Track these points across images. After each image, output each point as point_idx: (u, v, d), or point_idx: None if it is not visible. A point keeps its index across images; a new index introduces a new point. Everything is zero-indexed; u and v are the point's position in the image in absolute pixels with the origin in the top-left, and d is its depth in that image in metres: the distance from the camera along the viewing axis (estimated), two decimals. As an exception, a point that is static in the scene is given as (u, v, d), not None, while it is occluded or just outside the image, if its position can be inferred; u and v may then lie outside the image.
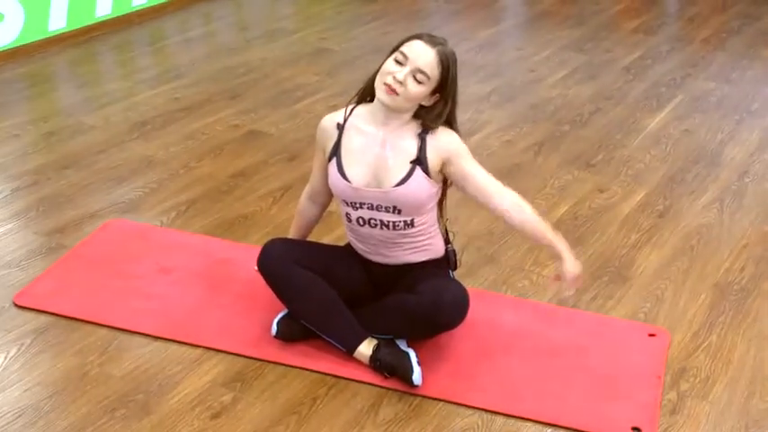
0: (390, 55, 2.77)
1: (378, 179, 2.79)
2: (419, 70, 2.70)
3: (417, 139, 2.78)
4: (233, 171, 4.08)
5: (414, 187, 2.77)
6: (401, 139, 2.79)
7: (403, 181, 2.77)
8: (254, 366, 2.89)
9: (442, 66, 2.73)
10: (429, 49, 2.71)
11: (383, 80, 2.72)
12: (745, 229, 3.91)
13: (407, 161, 2.78)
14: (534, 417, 2.76)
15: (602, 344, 3.10)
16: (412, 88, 2.70)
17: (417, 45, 2.72)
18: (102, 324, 3.03)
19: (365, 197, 2.80)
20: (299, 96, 4.94)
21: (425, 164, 2.77)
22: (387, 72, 2.72)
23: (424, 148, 2.78)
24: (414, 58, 2.70)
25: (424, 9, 6.74)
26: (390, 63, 2.73)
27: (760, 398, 2.91)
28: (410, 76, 2.69)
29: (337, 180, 2.83)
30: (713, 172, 4.42)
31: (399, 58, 2.71)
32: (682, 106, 5.19)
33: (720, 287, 3.48)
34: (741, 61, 6.02)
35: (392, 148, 2.79)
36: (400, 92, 2.69)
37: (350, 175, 2.81)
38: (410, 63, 2.70)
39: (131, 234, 3.54)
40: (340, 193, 2.84)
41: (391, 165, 2.78)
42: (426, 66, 2.70)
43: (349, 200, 2.83)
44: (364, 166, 2.80)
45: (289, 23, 6.14)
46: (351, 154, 2.83)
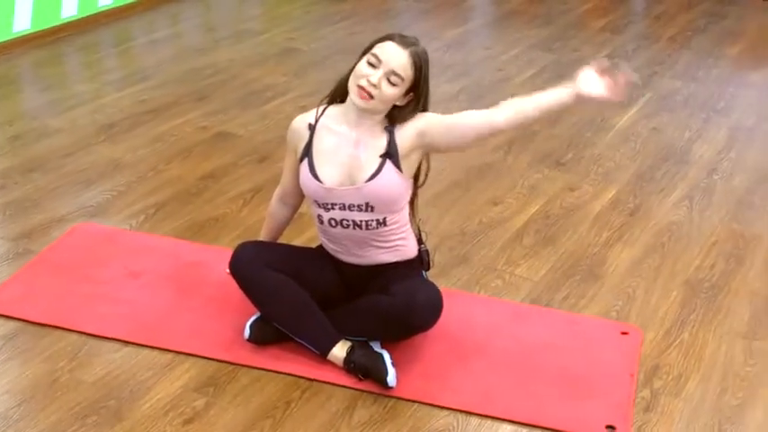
0: (362, 56, 2.75)
1: (351, 178, 2.78)
2: (393, 72, 2.68)
3: (385, 132, 2.77)
4: (202, 173, 4.04)
5: (385, 181, 2.76)
6: (372, 137, 2.78)
7: (374, 175, 2.75)
8: (227, 370, 2.86)
9: (415, 67, 2.72)
10: (402, 50, 2.70)
11: (357, 83, 2.70)
12: (715, 226, 3.93)
13: (378, 155, 2.76)
14: (509, 417, 2.76)
15: (575, 342, 3.10)
16: (386, 90, 2.69)
17: (390, 47, 2.70)
18: (71, 329, 2.99)
19: (337, 197, 2.79)
20: (268, 97, 4.91)
21: (396, 156, 2.76)
22: (360, 75, 2.70)
23: (392, 140, 2.76)
24: (387, 60, 2.68)
25: (393, 8, 6.73)
26: (363, 65, 2.71)
27: (732, 394, 2.92)
28: (384, 79, 2.68)
29: (309, 181, 2.81)
30: (682, 170, 4.44)
31: (372, 61, 2.70)
32: (649, 105, 5.22)
33: (691, 284, 3.49)
34: (707, 59, 6.06)
35: (364, 146, 2.78)
36: (375, 95, 2.68)
37: (322, 176, 2.79)
38: (383, 66, 2.68)
39: (99, 238, 3.49)
40: (312, 193, 2.82)
41: (363, 160, 2.77)
42: (400, 68, 2.69)
43: (321, 201, 2.81)
44: (337, 167, 2.79)
45: (256, 24, 6.11)
46: (322, 154, 2.81)
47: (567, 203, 4.04)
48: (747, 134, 4.90)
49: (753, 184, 4.36)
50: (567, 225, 3.86)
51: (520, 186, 4.16)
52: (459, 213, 3.89)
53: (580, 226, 3.86)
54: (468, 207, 3.94)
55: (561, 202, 4.04)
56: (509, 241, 3.70)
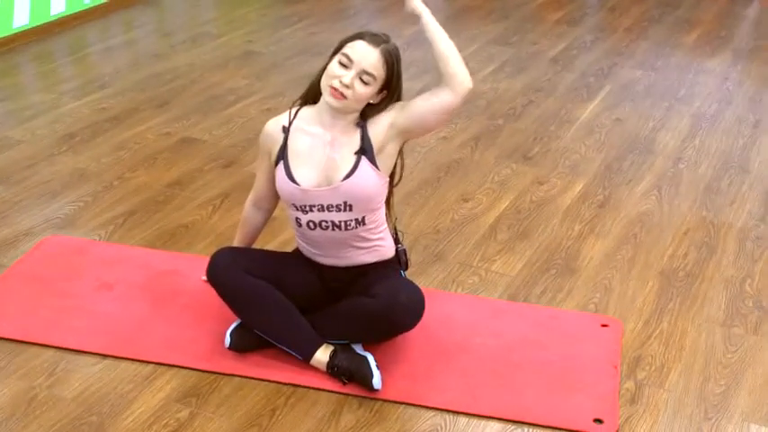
0: (333, 57, 2.72)
1: (328, 178, 2.75)
2: (365, 72, 2.66)
3: (358, 129, 2.75)
4: (169, 180, 3.98)
5: (361, 177, 2.73)
6: (346, 135, 2.76)
7: (350, 173, 2.73)
8: (209, 380, 2.82)
9: (387, 65, 2.70)
10: (372, 49, 2.68)
11: (329, 83, 2.67)
12: (685, 215, 3.95)
13: (352, 153, 2.74)
14: (497, 414, 2.75)
15: (556, 337, 3.10)
16: (359, 90, 2.67)
17: (360, 46, 2.68)
18: (46, 345, 2.93)
19: (315, 198, 2.76)
20: (230, 101, 4.85)
21: (370, 152, 2.74)
22: (332, 75, 2.67)
23: (365, 135, 2.75)
24: (358, 59, 2.66)
25: (350, 7, 6.70)
26: (335, 66, 2.68)
27: (715, 382, 2.94)
28: (356, 79, 2.66)
29: (285, 184, 2.77)
30: (648, 159, 4.46)
31: (344, 61, 2.67)
32: (611, 95, 5.24)
33: (666, 274, 3.51)
34: (664, 49, 6.11)
35: (338, 145, 2.75)
36: (348, 95, 2.66)
37: (298, 178, 2.76)
38: (355, 65, 2.66)
39: (69, 250, 3.43)
40: (288, 196, 2.79)
41: (337, 159, 2.74)
42: (371, 67, 2.67)
43: (298, 203, 2.78)
44: (313, 168, 2.76)
45: (212, 28, 6.04)
46: (298, 156, 2.78)
47: (537, 197, 4.04)
48: (710, 121, 4.95)
49: (718, 171, 4.39)
50: (538, 219, 3.86)
51: (489, 182, 4.15)
52: (430, 211, 3.87)
53: (552, 220, 3.86)
54: (440, 204, 3.93)
55: (531, 197, 4.04)
56: (483, 237, 3.69)
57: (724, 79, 5.60)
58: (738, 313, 3.29)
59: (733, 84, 5.53)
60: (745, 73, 5.73)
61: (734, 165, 4.46)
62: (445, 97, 2.66)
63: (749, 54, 6.09)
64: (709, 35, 6.44)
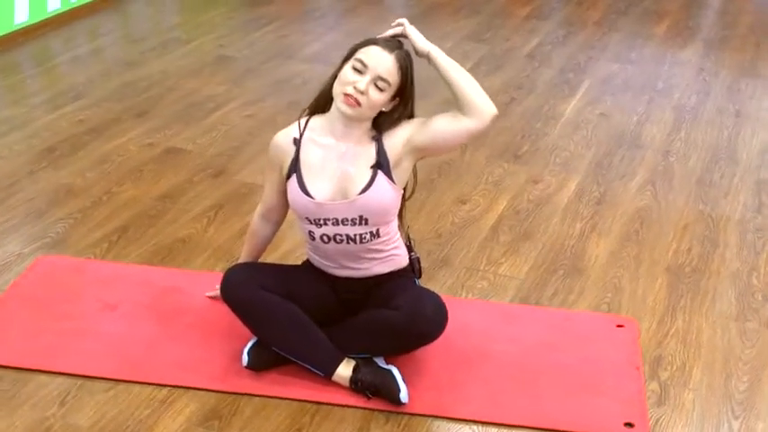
0: (345, 63, 2.65)
1: (342, 191, 2.68)
2: (380, 77, 2.59)
3: (374, 142, 2.68)
4: (158, 193, 3.87)
5: (378, 192, 2.67)
6: (361, 148, 2.69)
7: (367, 187, 2.66)
8: (229, 401, 2.73)
9: (401, 71, 2.64)
10: (387, 54, 2.61)
11: (343, 90, 2.60)
12: (682, 209, 3.94)
13: (368, 167, 2.67)
14: (527, 423, 2.70)
15: (573, 340, 3.06)
16: (374, 96, 2.60)
17: (375, 51, 2.61)
18: (55, 372, 2.81)
19: (329, 212, 2.68)
20: (210, 108, 4.74)
21: (387, 166, 2.68)
22: (346, 82, 2.60)
23: (381, 149, 2.68)
24: (373, 65, 2.59)
25: (317, 9, 6.61)
26: (349, 72, 2.61)
27: (738, 379, 2.92)
28: (371, 85, 2.59)
29: (299, 197, 2.69)
30: (638, 154, 4.45)
31: (358, 66, 2.60)
32: (592, 90, 5.23)
33: (673, 270, 3.49)
34: (636, 41, 6.12)
35: (353, 157, 2.68)
36: (362, 102, 2.59)
37: (312, 191, 2.68)
38: (370, 71, 2.59)
39: (65, 270, 3.31)
40: (302, 210, 2.71)
41: (354, 174, 2.67)
42: (386, 72, 2.60)
43: (312, 217, 2.70)
44: (327, 180, 2.69)
45: (181, 33, 5.91)
46: (311, 169, 2.70)
47: (534, 197, 4.00)
48: (692, 113, 4.95)
49: (708, 163, 4.40)
50: (538, 219, 3.82)
51: (484, 182, 4.10)
52: (429, 215, 3.81)
53: (551, 219, 3.82)
54: (438, 208, 3.87)
55: (528, 196, 4.00)
56: (485, 240, 3.64)
57: (699, 70, 5.62)
58: (749, 307, 3.28)
59: (709, 74, 5.55)
60: (718, 63, 5.76)
61: (722, 156, 4.46)
62: (470, 124, 2.62)
63: (719, 44, 6.12)
64: (678, 26, 6.46)
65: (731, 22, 6.60)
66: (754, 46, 6.10)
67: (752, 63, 5.77)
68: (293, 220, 3.01)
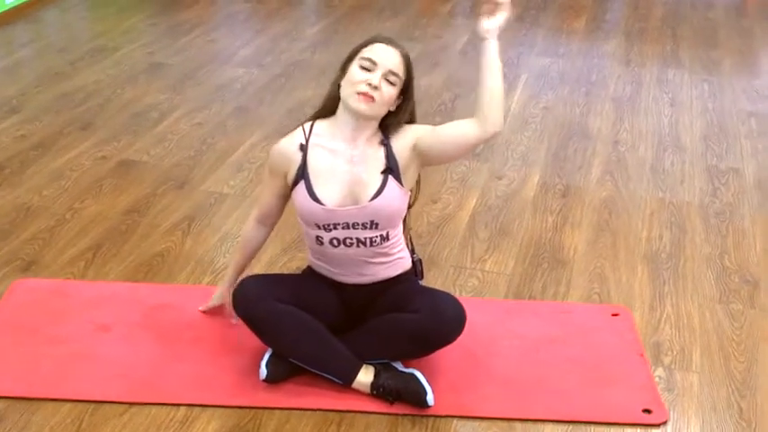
0: (349, 63, 2.64)
1: (353, 196, 2.66)
2: (391, 72, 2.60)
3: (382, 147, 2.67)
4: (124, 207, 3.76)
5: (389, 197, 2.66)
6: (370, 152, 2.67)
7: (378, 192, 2.65)
8: (250, 416, 2.68)
9: (406, 66, 2.66)
10: (393, 49, 2.63)
11: (356, 89, 2.58)
12: (643, 197, 4.04)
13: (379, 172, 2.66)
14: (550, 417, 2.73)
15: (573, 331, 3.11)
16: (386, 90, 2.60)
17: (380, 48, 2.61)
18: (61, 399, 2.70)
19: (340, 217, 2.66)
20: (156, 117, 4.63)
21: (396, 171, 2.68)
22: (358, 81, 2.58)
23: (391, 154, 2.67)
24: (382, 61, 2.59)
25: (240, 11, 6.52)
26: (357, 71, 2.60)
27: (735, 359, 3.01)
28: (383, 80, 2.58)
29: (309, 204, 2.65)
30: (589, 145, 4.54)
31: (366, 65, 2.59)
32: (530, 84, 5.31)
33: (650, 258, 3.57)
34: (560, 35, 6.24)
35: (362, 161, 2.67)
36: (376, 97, 2.57)
37: (322, 197, 2.65)
38: (380, 66, 2.58)
39: (46, 293, 3.18)
40: (311, 216, 2.67)
41: (364, 178, 2.66)
42: (395, 66, 2.61)
43: (322, 222, 2.67)
44: (336, 185, 2.66)
45: (106, 41, 5.75)
46: (320, 175, 2.67)
47: (501, 192, 4.04)
48: (630, 104, 5.08)
49: (657, 151, 4.52)
50: (511, 214, 3.86)
51: (450, 181, 4.12)
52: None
53: (523, 213, 3.87)
54: (410, 208, 3.85)
55: (495, 192, 4.04)
56: (465, 238, 3.66)
57: (627, 62, 5.77)
58: (729, 289, 3.39)
59: (637, 65, 5.70)
60: (643, 55, 5.92)
61: (669, 144, 4.59)
62: (471, 131, 2.60)
63: (639, 36, 6.30)
64: (596, 20, 6.62)
65: (645, 15, 6.79)
66: (671, 37, 6.29)
67: (673, 53, 5.96)
68: (277, 228, 2.98)
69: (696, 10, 6.95)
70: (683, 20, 6.68)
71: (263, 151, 4.30)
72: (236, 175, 4.07)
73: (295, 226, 3.59)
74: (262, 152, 4.29)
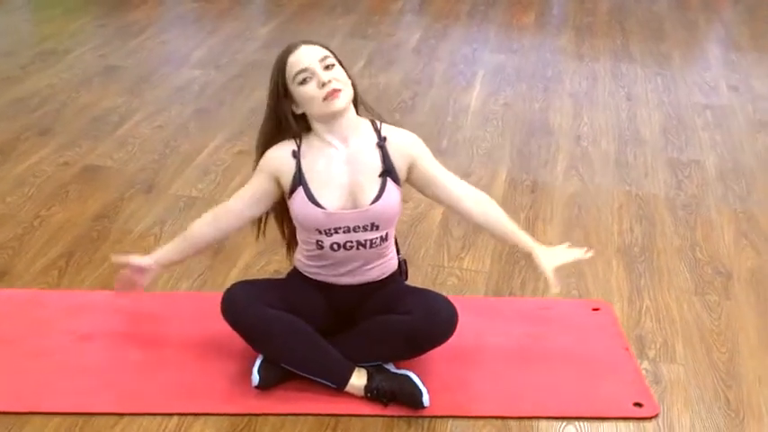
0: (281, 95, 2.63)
1: (352, 199, 2.64)
2: (322, 62, 2.58)
3: (377, 149, 2.66)
4: (92, 214, 3.69)
5: (389, 199, 2.66)
6: (364, 154, 2.67)
7: (378, 196, 2.64)
8: (243, 423, 2.65)
9: (326, 48, 2.64)
10: (305, 47, 2.60)
11: (321, 99, 2.56)
12: (611, 191, 4.09)
13: (376, 175, 2.65)
14: (543, 413, 2.75)
15: (557, 327, 3.13)
16: (336, 73, 2.59)
17: (296, 56, 2.59)
18: (50, 412, 2.64)
19: (340, 221, 2.64)
20: (116, 121, 4.55)
21: (393, 172, 2.67)
22: (314, 94, 2.57)
23: (387, 156, 2.66)
24: (309, 61, 2.57)
25: (189, 12, 6.44)
26: (304, 90, 2.59)
27: (717, 350, 3.06)
28: (325, 71, 2.56)
29: (310, 210, 2.63)
30: (552, 141, 4.58)
31: (302, 77, 2.58)
32: (487, 81, 5.34)
33: (623, 251, 3.61)
34: (512, 31, 6.29)
35: (358, 163, 2.65)
36: (339, 86, 2.56)
37: (323, 202, 2.63)
38: (312, 65, 2.57)
39: (23, 304, 3.11)
40: (312, 222, 2.65)
41: (363, 182, 2.64)
42: (319, 54, 2.59)
43: (323, 227, 2.65)
44: (336, 189, 2.64)
45: (55, 44, 5.63)
46: (318, 179, 2.65)
47: (471, 190, 4.03)
48: (587, 99, 5.14)
49: (619, 145, 4.57)
50: (483, 211, 3.85)
51: (419, 179, 4.10)
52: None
53: (495, 210, 3.86)
54: (382, 208, 3.85)
55: (465, 190, 4.03)
56: (439, 236, 3.67)
57: (580, 56, 5.83)
58: (703, 281, 3.44)
59: (590, 60, 5.76)
60: (594, 49, 5.99)
61: (629, 138, 4.65)
62: (461, 206, 2.79)
63: (589, 30, 6.37)
64: (544, 15, 6.69)
65: (591, 9, 6.87)
66: (620, 31, 6.38)
67: (624, 47, 6.04)
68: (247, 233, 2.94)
69: (640, 3, 7.05)
70: (629, 13, 6.77)
71: (228, 153, 4.26)
72: (203, 179, 4.02)
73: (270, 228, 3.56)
74: (226, 154, 4.25)
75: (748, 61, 5.86)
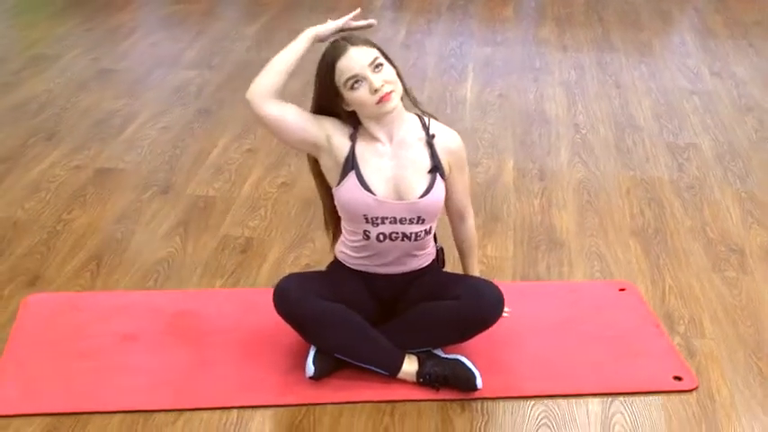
0: (341, 91, 2.63)
1: (398, 192, 2.70)
2: (372, 65, 2.59)
3: (426, 146, 2.73)
4: (113, 216, 3.71)
5: (437, 195, 2.72)
6: (412, 149, 2.73)
7: (427, 191, 2.70)
8: (302, 414, 2.70)
9: (373, 45, 2.65)
10: (354, 49, 2.60)
11: (374, 103, 2.60)
12: (616, 176, 4.19)
13: (425, 171, 2.72)
14: (589, 391, 2.82)
15: (587, 308, 3.22)
16: (386, 74, 2.60)
17: (347, 59, 2.59)
18: (108, 411, 2.67)
19: (388, 210, 2.69)
20: (120, 124, 4.56)
21: (441, 168, 2.73)
22: (367, 99, 2.60)
23: (435, 153, 2.73)
24: (361, 66, 2.58)
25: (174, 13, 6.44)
26: (357, 95, 2.60)
27: (743, 324, 3.18)
28: (375, 73, 2.58)
29: (360, 193, 2.67)
30: (552, 130, 4.67)
31: (353, 83, 2.59)
32: (479, 73, 5.43)
33: (638, 233, 3.72)
34: (493, 23, 6.39)
35: (404, 159, 2.71)
36: (389, 88, 2.60)
37: (373, 187, 2.68)
38: (363, 70, 2.58)
39: (61, 307, 3.13)
40: (362, 207, 2.69)
41: (410, 177, 2.70)
42: (370, 56, 2.59)
43: (371, 215, 2.70)
44: (382, 180, 2.70)
45: (45, 48, 5.61)
46: (368, 165, 2.69)
47: (482, 179, 4.13)
48: (578, 88, 5.25)
49: (616, 132, 4.69)
50: (497, 200, 3.95)
51: (429, 171, 4.17)
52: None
53: (508, 198, 3.97)
54: (399, 200, 3.91)
55: (476, 179, 4.12)
56: (459, 226, 3.72)
57: (564, 47, 5.94)
58: (720, 258, 3.56)
59: (574, 51, 5.88)
60: (577, 40, 6.11)
61: (625, 125, 4.76)
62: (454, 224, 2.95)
63: (568, 21, 6.48)
64: (523, 7, 6.80)
65: (569, 0, 6.98)
66: (599, 21, 6.51)
67: (605, 37, 6.16)
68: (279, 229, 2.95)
69: (615, -6, 7.19)
70: (605, 4, 6.90)
71: (237, 152, 4.30)
72: (217, 177, 4.05)
73: (295, 223, 3.63)
74: (236, 153, 4.28)
75: (726, 48, 6.02)
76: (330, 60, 2.63)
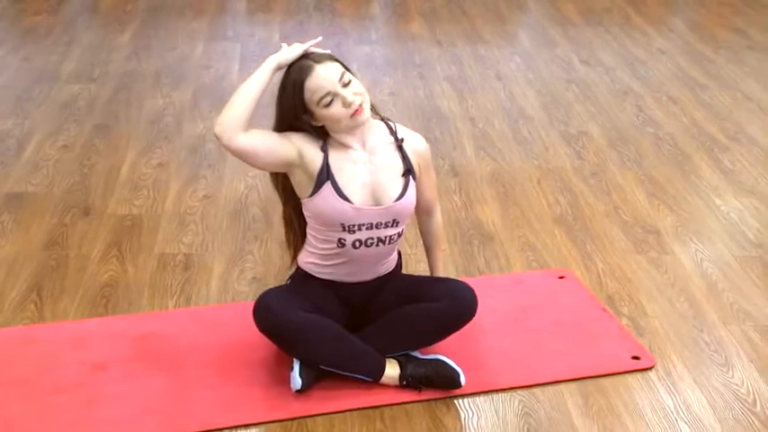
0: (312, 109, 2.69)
1: (374, 197, 2.76)
2: (341, 81, 2.66)
3: (397, 150, 2.80)
4: (40, 242, 3.59)
5: (411, 196, 2.81)
6: (384, 154, 2.79)
7: (402, 194, 2.78)
8: (294, 427, 2.73)
9: (335, 60, 2.73)
10: (320, 67, 2.67)
11: (347, 116, 2.66)
12: (523, 167, 4.37)
13: (399, 174, 2.79)
14: (558, 378, 2.97)
15: (536, 298, 3.37)
16: (355, 87, 2.68)
17: (317, 76, 2.65)
18: (100, 447, 2.61)
19: (365, 217, 2.75)
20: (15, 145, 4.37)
21: (413, 171, 2.82)
22: (340, 114, 2.67)
23: (406, 156, 2.81)
24: (331, 82, 2.65)
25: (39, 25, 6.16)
26: (329, 111, 2.67)
27: (677, 300, 3.41)
28: (346, 90, 2.66)
29: (338, 203, 2.72)
30: (450, 126, 4.81)
31: (327, 100, 2.65)
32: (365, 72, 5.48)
33: (560, 222, 3.90)
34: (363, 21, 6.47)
35: (378, 163, 2.78)
36: (359, 99, 2.67)
37: (350, 196, 2.73)
38: (334, 86, 2.65)
39: (17, 342, 3.02)
40: (339, 216, 2.73)
41: (385, 181, 2.77)
42: (338, 71, 2.68)
43: (348, 223, 2.75)
44: (360, 187, 2.75)
45: None
46: (344, 175, 2.74)
47: (399, 179, 4.20)
48: (463, 82, 5.40)
49: (511, 123, 4.87)
50: (420, 198, 4.03)
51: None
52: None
53: (430, 196, 4.05)
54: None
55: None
56: (391, 227, 3.80)
57: (438, 42, 6.10)
58: (639, 240, 3.78)
59: (449, 46, 6.04)
60: (448, 35, 6.26)
61: (515, 116, 4.95)
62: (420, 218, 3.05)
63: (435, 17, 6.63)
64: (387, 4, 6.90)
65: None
66: (463, 15, 6.68)
67: (474, 31, 6.35)
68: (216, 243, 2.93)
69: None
70: (463, -3, 7.09)
71: (148, 167, 4.22)
72: (136, 195, 3.97)
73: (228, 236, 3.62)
74: (147, 168, 4.21)
75: (587, 36, 6.31)
76: (298, 80, 2.67)
